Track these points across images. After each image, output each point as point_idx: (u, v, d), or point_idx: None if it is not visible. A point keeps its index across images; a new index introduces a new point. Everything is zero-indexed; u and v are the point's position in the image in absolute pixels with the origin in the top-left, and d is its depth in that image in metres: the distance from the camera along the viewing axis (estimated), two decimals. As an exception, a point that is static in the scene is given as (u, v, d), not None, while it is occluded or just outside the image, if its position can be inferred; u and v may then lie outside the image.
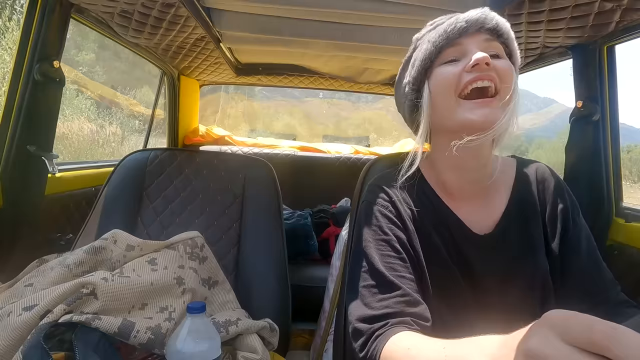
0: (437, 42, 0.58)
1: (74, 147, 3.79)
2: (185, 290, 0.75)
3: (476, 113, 0.55)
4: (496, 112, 0.54)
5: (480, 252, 0.61)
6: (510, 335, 0.32)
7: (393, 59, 1.47)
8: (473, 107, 0.55)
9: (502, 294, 0.60)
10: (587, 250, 0.61)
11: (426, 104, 0.60)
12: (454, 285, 0.61)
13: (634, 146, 16.33)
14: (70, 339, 0.58)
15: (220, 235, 1.00)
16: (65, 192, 1.21)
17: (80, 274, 0.72)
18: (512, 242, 0.61)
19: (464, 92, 0.56)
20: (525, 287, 0.60)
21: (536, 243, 0.61)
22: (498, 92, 0.55)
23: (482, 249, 0.61)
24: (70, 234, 1.16)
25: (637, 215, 0.95)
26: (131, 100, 5.23)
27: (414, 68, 0.62)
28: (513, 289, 0.60)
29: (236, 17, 1.20)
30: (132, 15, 1.08)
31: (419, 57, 0.61)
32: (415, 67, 0.61)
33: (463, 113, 0.56)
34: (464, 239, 0.62)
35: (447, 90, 0.57)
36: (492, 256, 0.61)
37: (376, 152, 2.27)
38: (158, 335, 0.64)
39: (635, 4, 0.78)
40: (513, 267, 0.60)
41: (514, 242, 0.62)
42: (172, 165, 1.10)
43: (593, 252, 0.61)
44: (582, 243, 0.61)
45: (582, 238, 0.61)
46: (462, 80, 0.56)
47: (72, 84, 4.23)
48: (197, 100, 2.17)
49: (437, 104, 0.59)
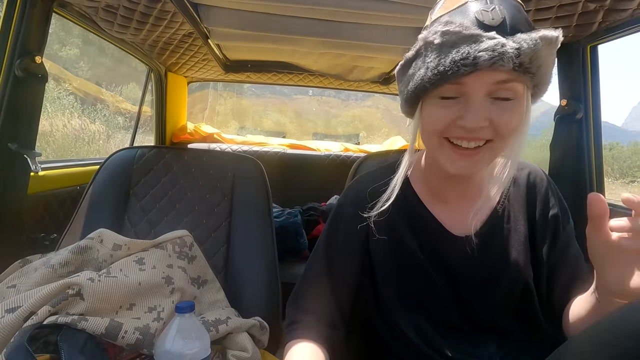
0: (432, 80, 0.48)
1: (58, 145, 3.70)
2: (174, 289, 0.74)
3: (454, 165, 0.53)
4: (479, 162, 0.52)
5: (459, 253, 0.61)
6: None
7: (382, 56, 1.48)
8: (453, 157, 0.52)
9: (482, 296, 0.60)
10: (575, 258, 0.61)
11: (415, 125, 0.56)
12: (428, 287, 0.61)
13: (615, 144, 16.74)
14: (56, 340, 0.57)
15: (209, 233, 1.00)
16: (49, 190, 1.18)
17: (66, 274, 0.71)
18: (495, 244, 0.61)
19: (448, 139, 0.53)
20: (506, 290, 0.60)
21: (521, 247, 0.61)
22: (490, 141, 0.51)
23: (461, 251, 0.61)
24: (55, 233, 1.14)
25: (619, 211, 0.98)
26: (117, 97, 5.13)
27: (410, 84, 0.53)
28: (493, 292, 0.60)
29: (224, 13, 1.19)
30: (117, 10, 1.06)
31: (415, 76, 0.52)
32: (410, 85, 0.53)
33: (443, 159, 0.54)
34: (439, 240, 0.62)
35: (431, 132, 0.54)
36: (473, 257, 0.60)
37: (366, 149, 2.28)
38: (146, 335, 0.64)
39: (617, 5, 0.80)
40: (495, 270, 0.60)
41: (497, 244, 0.61)
42: (160, 163, 1.08)
43: (580, 260, 0.61)
44: (571, 250, 0.61)
45: (571, 246, 0.62)
46: (448, 132, 0.52)
47: (55, 80, 4.13)
48: (185, 97, 2.14)
49: (424, 135, 0.56)
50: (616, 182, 14.91)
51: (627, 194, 0.40)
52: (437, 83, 0.48)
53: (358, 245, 0.65)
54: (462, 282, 0.61)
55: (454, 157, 0.52)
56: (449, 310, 0.61)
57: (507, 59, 0.44)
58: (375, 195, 0.64)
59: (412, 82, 0.52)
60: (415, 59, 0.53)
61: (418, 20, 1.15)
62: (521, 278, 0.60)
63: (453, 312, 0.61)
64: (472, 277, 0.61)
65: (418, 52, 0.52)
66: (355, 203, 0.65)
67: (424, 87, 0.50)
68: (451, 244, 0.61)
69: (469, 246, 0.60)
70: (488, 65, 0.45)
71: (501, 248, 0.61)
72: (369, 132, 12.65)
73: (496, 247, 0.61)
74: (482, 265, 0.60)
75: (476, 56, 0.45)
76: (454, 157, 0.52)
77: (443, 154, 0.54)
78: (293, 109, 14.93)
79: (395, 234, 0.63)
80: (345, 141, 2.44)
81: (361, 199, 0.65)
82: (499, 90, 0.49)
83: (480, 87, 0.48)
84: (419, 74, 0.51)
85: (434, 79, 0.48)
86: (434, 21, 0.53)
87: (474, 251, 0.60)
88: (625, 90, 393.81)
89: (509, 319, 0.61)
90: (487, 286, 0.60)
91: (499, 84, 0.48)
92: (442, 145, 0.53)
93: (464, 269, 0.61)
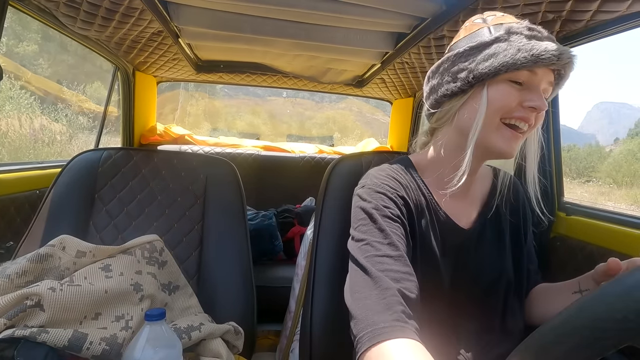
0: (526, 59, 0.54)
1: (14, 147, 3.48)
2: (144, 297, 0.72)
3: (508, 145, 0.58)
4: (519, 145, 0.60)
5: (463, 244, 0.66)
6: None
7: (356, 59, 1.50)
8: (509, 137, 0.58)
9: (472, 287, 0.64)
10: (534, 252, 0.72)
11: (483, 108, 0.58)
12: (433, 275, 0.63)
13: (573, 145, 17.75)
14: (12, 356, 0.53)
15: (180, 238, 0.97)
16: (5, 195, 1.11)
17: (24, 284, 0.67)
18: (488, 238, 0.67)
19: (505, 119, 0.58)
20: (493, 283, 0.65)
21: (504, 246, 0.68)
22: (527, 131, 0.59)
23: (465, 242, 0.66)
24: (11, 241, 1.07)
25: (576, 209, 1.04)
26: (80, 96, 4.89)
27: (487, 62, 0.56)
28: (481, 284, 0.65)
29: (195, 12, 1.16)
30: (81, 5, 1.01)
31: (500, 55, 0.56)
32: (489, 62, 0.56)
33: (497, 139, 0.58)
34: (449, 231, 0.65)
35: (498, 110, 0.57)
36: (472, 250, 0.66)
37: (340, 151, 2.30)
38: (114, 345, 0.61)
39: (573, 16, 0.85)
40: (484, 264, 0.65)
41: (489, 238, 0.67)
42: (128, 166, 1.04)
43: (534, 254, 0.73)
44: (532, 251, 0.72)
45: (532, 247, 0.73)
46: (513, 112, 0.57)
47: (12, 78, 3.88)
48: (155, 97, 2.08)
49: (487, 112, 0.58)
50: (573, 181, 15.88)
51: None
52: (526, 64, 0.54)
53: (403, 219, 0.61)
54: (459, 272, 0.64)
55: (510, 138, 0.58)
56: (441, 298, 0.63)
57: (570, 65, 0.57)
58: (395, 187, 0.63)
59: (496, 60, 0.56)
60: (494, 42, 0.57)
61: (392, 24, 1.17)
62: (504, 274, 0.65)
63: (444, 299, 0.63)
64: (467, 268, 0.65)
65: (498, 37, 0.57)
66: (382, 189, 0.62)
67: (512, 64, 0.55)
68: (459, 235, 0.65)
69: (469, 238, 0.65)
70: (564, 63, 0.56)
71: (491, 242, 0.67)
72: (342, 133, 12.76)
73: (488, 240, 0.67)
74: (476, 257, 0.65)
75: (562, 52, 0.55)
76: (510, 138, 0.58)
77: (500, 134, 0.58)
78: (267, 111, 14.83)
79: (413, 225, 0.63)
80: (320, 143, 2.45)
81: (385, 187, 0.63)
82: (547, 89, 0.59)
83: (544, 80, 0.57)
84: (506, 54, 0.55)
85: (528, 58, 0.54)
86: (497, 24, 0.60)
87: (471, 242, 0.65)
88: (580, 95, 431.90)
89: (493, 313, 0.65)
90: (477, 278, 0.64)
91: (550, 84, 0.59)
92: (500, 127, 0.58)
93: (464, 260, 0.65)
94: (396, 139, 2.23)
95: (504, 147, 0.58)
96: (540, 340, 0.33)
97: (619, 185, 15.42)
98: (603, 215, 0.95)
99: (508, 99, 0.57)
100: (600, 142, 43.07)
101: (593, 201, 12.50)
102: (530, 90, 0.57)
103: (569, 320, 0.31)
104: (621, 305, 0.28)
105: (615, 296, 0.29)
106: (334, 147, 2.39)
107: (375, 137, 2.48)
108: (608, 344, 0.28)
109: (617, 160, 17.68)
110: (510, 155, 0.59)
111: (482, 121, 0.58)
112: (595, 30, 0.87)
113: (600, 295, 0.30)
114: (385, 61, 1.48)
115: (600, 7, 0.79)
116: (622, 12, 0.78)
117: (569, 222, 1.03)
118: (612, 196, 13.82)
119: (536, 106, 0.56)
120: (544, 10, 0.86)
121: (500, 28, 0.58)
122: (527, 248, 0.71)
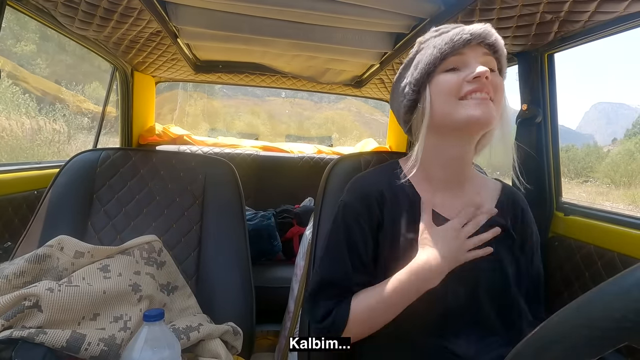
0: (443, 49, 0.61)
1: (10, 147, 3.47)
2: (142, 297, 0.72)
3: (477, 110, 0.60)
4: (492, 111, 0.61)
5: None
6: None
7: (354, 60, 1.50)
8: (475, 104, 0.60)
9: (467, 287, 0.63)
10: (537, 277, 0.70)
11: (428, 106, 0.64)
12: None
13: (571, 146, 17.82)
14: (10, 357, 0.53)
15: (179, 238, 0.97)
16: (3, 195, 1.10)
17: (21, 285, 0.67)
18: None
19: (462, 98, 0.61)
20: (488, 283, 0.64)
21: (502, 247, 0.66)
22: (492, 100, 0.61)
23: None
24: (9, 242, 1.07)
25: (574, 209, 1.04)
26: (78, 96, 4.88)
27: (417, 70, 0.64)
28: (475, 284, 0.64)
29: (194, 13, 1.16)
30: (79, 5, 1.01)
31: (422, 60, 0.64)
32: (418, 70, 0.64)
33: (465, 111, 0.60)
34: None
35: (448, 95, 0.62)
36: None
37: (339, 151, 2.30)
38: (112, 346, 0.61)
39: (571, 17, 0.85)
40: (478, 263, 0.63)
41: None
42: (126, 166, 1.04)
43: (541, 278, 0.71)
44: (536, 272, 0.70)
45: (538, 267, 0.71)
46: (463, 89, 0.61)
47: (9, 78, 3.86)
48: (153, 97, 2.07)
49: (438, 106, 0.63)
50: (572, 181, 15.93)
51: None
52: (446, 54, 0.61)
53: (371, 238, 0.67)
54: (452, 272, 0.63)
55: (474, 106, 0.60)
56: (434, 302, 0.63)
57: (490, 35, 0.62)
58: (379, 193, 0.68)
59: (422, 65, 0.64)
60: (414, 56, 0.67)
61: (391, 25, 1.17)
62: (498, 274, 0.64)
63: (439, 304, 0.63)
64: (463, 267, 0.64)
65: (417, 50, 0.67)
66: (360, 199, 0.68)
67: (435, 60, 0.62)
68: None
69: None
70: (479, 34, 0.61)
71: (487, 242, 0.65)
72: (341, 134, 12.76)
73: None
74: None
75: (470, 29, 0.61)
76: (474, 106, 0.60)
77: (462, 108, 0.61)
78: (266, 111, 14.82)
79: (397, 228, 0.66)
80: (318, 143, 2.45)
81: (366, 196, 0.68)
82: (486, 62, 0.62)
83: (476, 55, 0.62)
84: (427, 56, 0.63)
85: (445, 49, 0.61)
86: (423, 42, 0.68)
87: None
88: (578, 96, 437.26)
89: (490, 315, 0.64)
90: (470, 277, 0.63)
91: (485, 56, 0.62)
92: (459, 104, 0.61)
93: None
94: (395, 139, 2.23)
95: (475, 113, 0.60)
96: (539, 339, 0.34)
97: (617, 185, 15.48)
98: (601, 216, 0.95)
99: (449, 82, 0.62)
100: (598, 143, 43.25)
101: (591, 201, 12.54)
102: (467, 66, 0.61)
103: (568, 319, 0.31)
104: (620, 305, 0.28)
105: (614, 295, 0.29)
106: (333, 147, 2.39)
107: (374, 137, 2.49)
108: (606, 343, 0.28)
109: (615, 160, 17.75)
110: (486, 120, 0.60)
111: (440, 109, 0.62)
112: (593, 30, 0.87)
113: (599, 295, 0.30)
114: (384, 61, 1.48)
115: (598, 7, 0.79)
116: (619, 13, 0.78)
117: (567, 222, 1.03)
118: (610, 196, 13.88)
119: (477, 74, 0.59)
120: (542, 11, 0.86)
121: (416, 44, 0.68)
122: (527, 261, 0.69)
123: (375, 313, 0.63)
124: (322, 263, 0.71)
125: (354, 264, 0.66)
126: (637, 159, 17.57)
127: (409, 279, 0.61)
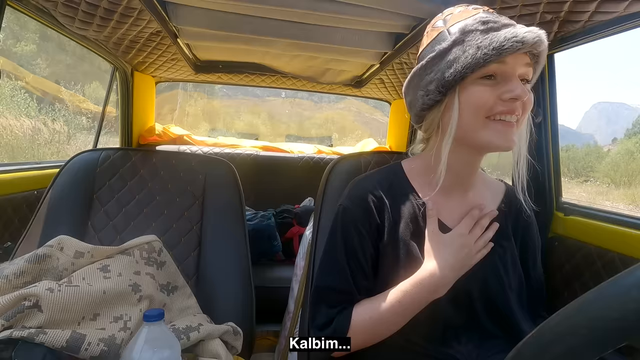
0: (489, 55, 0.53)
1: (10, 147, 3.47)
2: (142, 297, 0.72)
3: (500, 138, 0.57)
4: (514, 137, 0.58)
5: None
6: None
7: (354, 60, 1.50)
8: (499, 129, 0.56)
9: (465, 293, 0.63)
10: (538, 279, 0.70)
11: (455, 115, 0.58)
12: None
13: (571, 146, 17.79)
14: (10, 357, 0.53)
15: (179, 238, 0.97)
16: (3, 195, 1.10)
17: (21, 285, 0.66)
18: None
19: (490, 116, 0.57)
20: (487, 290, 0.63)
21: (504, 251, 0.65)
22: (517, 121, 0.58)
23: None
24: (9, 242, 1.06)
25: (574, 209, 1.04)
26: (78, 96, 4.88)
27: (452, 70, 0.56)
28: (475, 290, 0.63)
29: (194, 12, 1.16)
30: (79, 5, 1.01)
31: (461, 59, 0.55)
32: (453, 70, 0.56)
33: (488, 135, 0.57)
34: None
35: (478, 110, 0.57)
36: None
37: (339, 151, 2.30)
38: (112, 346, 0.61)
39: (571, 17, 0.85)
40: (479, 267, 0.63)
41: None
42: (126, 166, 1.04)
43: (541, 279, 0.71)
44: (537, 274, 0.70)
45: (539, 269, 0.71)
46: (494, 108, 0.56)
47: (10, 78, 3.86)
48: (153, 97, 2.07)
49: (463, 118, 0.58)
50: (572, 181, 15.92)
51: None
52: (489, 60, 0.53)
53: (371, 244, 0.65)
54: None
55: (503, 131, 0.57)
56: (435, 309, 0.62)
57: (539, 44, 0.54)
58: (378, 198, 0.65)
59: (459, 66, 0.55)
60: (452, 47, 0.56)
61: (391, 25, 1.17)
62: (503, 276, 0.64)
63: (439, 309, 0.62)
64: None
65: (455, 41, 0.56)
66: (359, 205, 0.66)
67: (476, 66, 0.54)
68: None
69: None
70: (531, 43, 0.53)
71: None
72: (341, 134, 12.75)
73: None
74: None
75: (524, 35, 0.52)
76: (503, 131, 0.57)
77: (490, 131, 0.57)
78: (266, 111, 14.81)
79: (398, 234, 0.64)
80: (318, 143, 2.45)
81: (365, 201, 0.65)
82: (525, 73, 0.57)
83: (517, 65, 0.55)
84: (468, 57, 0.54)
85: (490, 53, 0.53)
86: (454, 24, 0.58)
87: None
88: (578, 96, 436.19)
89: (489, 320, 0.63)
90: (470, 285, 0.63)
91: (526, 67, 0.56)
92: (488, 124, 0.57)
93: None
94: (395, 139, 2.23)
95: (499, 142, 0.57)
96: (538, 339, 0.34)
97: (617, 185, 15.48)
98: (601, 216, 0.95)
99: (483, 97, 0.56)
100: (598, 142, 43.23)
101: (591, 201, 12.53)
102: (506, 80, 0.56)
103: (567, 319, 0.31)
104: (619, 305, 0.28)
105: (613, 295, 0.29)
106: (333, 147, 2.39)
107: (374, 137, 2.48)
108: (606, 343, 0.28)
109: (615, 160, 17.74)
110: (509, 148, 0.58)
111: (466, 123, 0.58)
112: (594, 30, 0.87)
113: (599, 294, 0.30)
114: (384, 61, 1.48)
115: (598, 7, 0.79)
116: (620, 13, 0.78)
117: (567, 222, 1.03)
118: (610, 196, 13.87)
119: (516, 96, 0.54)
120: (542, 11, 0.86)
121: (456, 28, 0.57)
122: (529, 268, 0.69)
123: (378, 324, 0.61)
124: (322, 268, 0.70)
125: (353, 270, 0.64)
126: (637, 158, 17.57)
127: (414, 290, 0.59)
